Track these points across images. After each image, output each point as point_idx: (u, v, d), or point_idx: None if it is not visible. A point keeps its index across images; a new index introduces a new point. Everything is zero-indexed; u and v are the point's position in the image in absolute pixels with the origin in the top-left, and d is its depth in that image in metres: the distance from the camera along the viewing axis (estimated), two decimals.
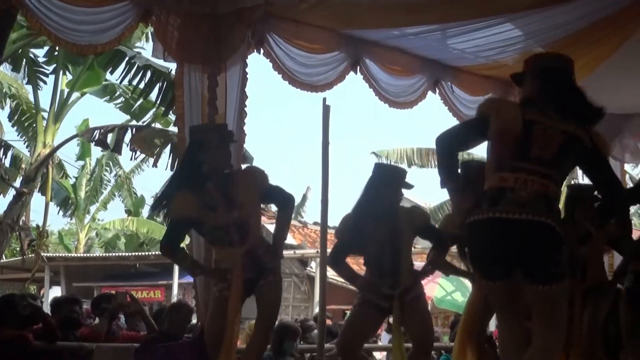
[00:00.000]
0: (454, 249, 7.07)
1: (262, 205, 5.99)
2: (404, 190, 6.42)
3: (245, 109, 7.54)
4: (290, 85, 8.03)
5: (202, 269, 6.24)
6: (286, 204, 6.05)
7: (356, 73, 8.59)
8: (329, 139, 8.64)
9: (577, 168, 5.36)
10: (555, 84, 4.62)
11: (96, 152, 28.54)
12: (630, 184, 15.57)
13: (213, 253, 6.31)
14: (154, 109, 14.68)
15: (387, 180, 6.36)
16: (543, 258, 4.29)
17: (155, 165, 14.37)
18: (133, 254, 25.99)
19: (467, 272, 6.88)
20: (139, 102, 15.51)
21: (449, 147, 4.63)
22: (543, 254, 4.29)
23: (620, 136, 10.86)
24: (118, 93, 17.04)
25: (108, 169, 29.07)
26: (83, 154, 27.67)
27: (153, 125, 15.49)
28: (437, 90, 9.28)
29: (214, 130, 6.23)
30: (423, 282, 6.57)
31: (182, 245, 6.03)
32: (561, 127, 4.43)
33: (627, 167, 12.45)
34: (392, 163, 19.36)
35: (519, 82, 4.87)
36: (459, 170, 4.75)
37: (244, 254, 5.69)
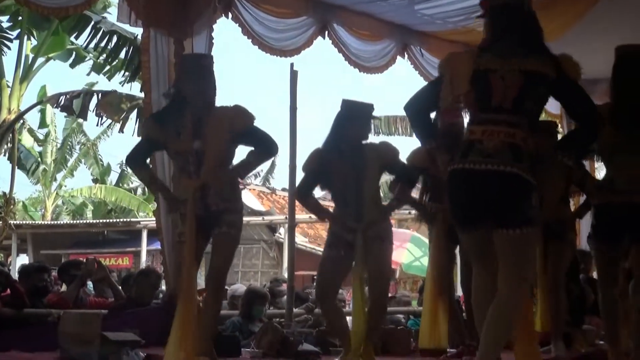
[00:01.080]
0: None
1: (235, 144, 5.72)
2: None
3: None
4: (258, 51, 7.99)
5: (159, 185, 6.18)
6: (260, 146, 5.77)
7: (324, 38, 8.57)
8: (297, 105, 8.66)
9: None
10: (504, 19, 4.50)
11: (60, 119, 28.34)
12: None
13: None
14: (121, 74, 14.56)
15: (352, 115, 6.31)
16: (510, 206, 4.29)
17: (121, 130, 14.27)
18: (101, 221, 25.89)
19: (425, 209, 7.06)
20: (105, 68, 15.37)
21: (417, 112, 4.65)
22: (510, 202, 4.29)
23: None
24: (84, 58, 16.87)
25: (74, 135, 28.82)
26: (44, 122, 27.43)
27: (119, 90, 15.37)
28: (407, 55, 9.30)
29: (197, 59, 6.26)
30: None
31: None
32: (519, 67, 4.35)
33: None
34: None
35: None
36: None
37: (196, 187, 5.57)
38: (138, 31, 8.91)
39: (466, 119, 4.69)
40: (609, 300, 5.56)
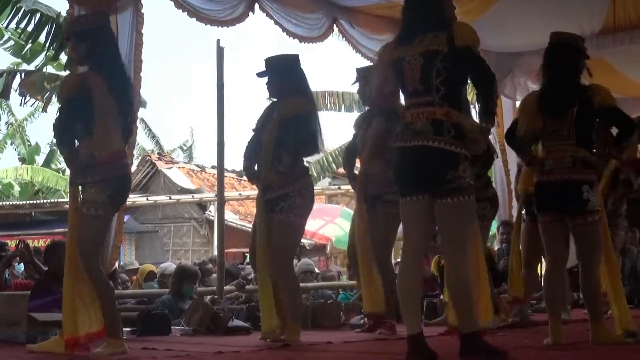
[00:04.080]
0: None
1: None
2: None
3: (141, 49, 7.42)
4: (190, 29, 7.94)
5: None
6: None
7: (254, 13, 8.56)
8: (224, 81, 8.65)
9: None
10: (411, 6, 4.81)
11: None
12: None
13: None
14: (44, 53, 14.31)
15: (269, 71, 6.27)
16: (438, 177, 4.51)
17: (45, 110, 14.06)
18: (28, 202, 25.48)
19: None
20: (28, 46, 15.10)
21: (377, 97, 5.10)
22: (437, 174, 4.51)
23: (511, 75, 11.07)
24: (6, 37, 16.53)
25: (1, 115, 28.36)
26: None
27: (44, 69, 15.11)
28: (338, 28, 9.41)
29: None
30: (321, 223, 6.61)
31: None
32: (418, 50, 4.61)
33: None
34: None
35: None
36: None
37: None
38: (60, 9, 8.80)
39: None
40: (551, 272, 5.72)
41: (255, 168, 6.25)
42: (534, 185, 5.81)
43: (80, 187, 5.32)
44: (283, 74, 6.22)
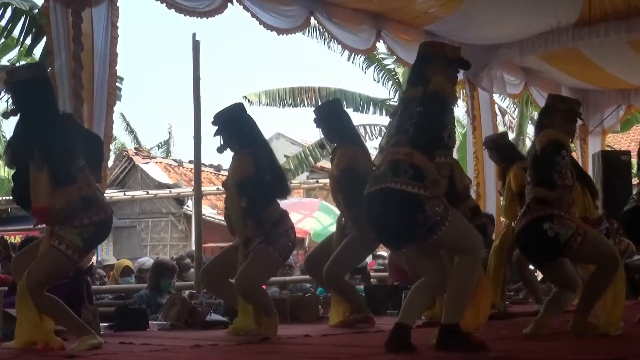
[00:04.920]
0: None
1: None
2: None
3: (117, 42, 7.40)
4: (166, 22, 7.94)
5: None
6: None
7: (232, 4, 8.56)
8: (200, 75, 8.62)
9: None
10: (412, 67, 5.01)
11: None
12: (499, 114, 15.96)
13: None
14: (18, 47, 14.20)
15: (219, 126, 6.16)
16: (409, 223, 4.49)
17: None
18: (4, 198, 25.32)
19: None
20: (1, 41, 14.97)
21: None
22: (406, 220, 4.49)
23: (487, 67, 11.09)
24: None
25: None
26: None
27: (17, 64, 14.99)
28: (315, 20, 9.46)
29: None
30: (299, 216, 6.59)
31: None
32: (406, 95, 4.83)
33: (497, 98, 12.71)
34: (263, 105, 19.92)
35: None
36: None
37: None
38: (34, 1, 8.73)
39: None
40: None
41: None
42: None
43: None
44: (226, 128, 6.14)
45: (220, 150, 6.17)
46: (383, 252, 14.65)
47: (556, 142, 5.42)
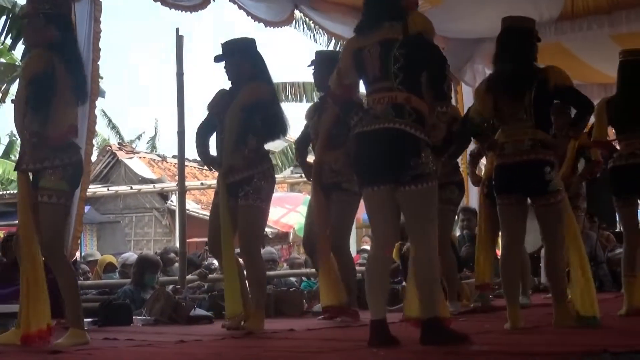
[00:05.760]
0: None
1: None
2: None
3: (99, 37, 7.37)
4: (151, 17, 7.94)
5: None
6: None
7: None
8: (183, 70, 8.59)
9: None
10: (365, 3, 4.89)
11: None
12: None
13: None
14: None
15: (227, 54, 6.25)
16: (401, 162, 4.51)
17: (3, 100, 13.90)
18: None
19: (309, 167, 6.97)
20: None
21: (335, 88, 4.96)
22: (400, 159, 4.51)
23: (471, 62, 11.09)
24: None
25: None
26: None
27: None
28: (300, 14, 9.50)
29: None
30: (284, 211, 6.59)
31: None
32: (376, 39, 4.67)
33: None
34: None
35: None
36: None
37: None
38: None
39: None
40: (507, 256, 5.72)
41: (212, 153, 6.30)
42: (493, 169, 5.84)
43: (31, 175, 5.23)
44: (241, 56, 6.20)
45: (230, 75, 6.25)
46: (367, 246, 14.70)
47: (580, 96, 5.68)
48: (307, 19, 9.70)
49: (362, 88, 5.17)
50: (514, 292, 5.66)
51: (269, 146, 6.29)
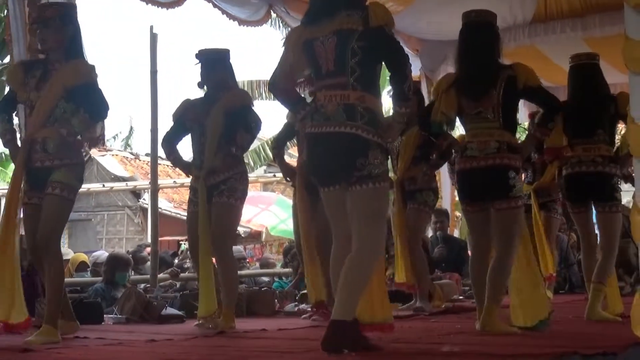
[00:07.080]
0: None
1: (68, 100, 5.30)
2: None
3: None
4: (123, 15, 7.94)
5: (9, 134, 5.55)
6: (87, 107, 5.38)
7: None
8: (157, 68, 8.57)
9: None
10: None
11: None
12: None
13: None
14: None
15: (207, 63, 6.30)
16: (350, 164, 4.35)
17: None
18: None
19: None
20: None
21: (283, 83, 4.70)
22: (349, 160, 4.35)
23: (445, 63, 11.12)
24: None
25: None
26: None
27: None
28: (274, 14, 9.52)
29: (41, 8, 5.88)
30: (257, 210, 6.58)
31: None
32: (331, 29, 4.41)
33: None
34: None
35: None
36: None
37: (23, 141, 5.40)
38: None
39: None
40: (476, 259, 5.67)
41: (184, 158, 6.46)
42: (456, 174, 5.66)
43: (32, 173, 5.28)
44: (222, 68, 6.33)
45: (201, 85, 6.34)
46: None
47: (549, 95, 5.59)
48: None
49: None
50: (483, 295, 5.57)
51: None
